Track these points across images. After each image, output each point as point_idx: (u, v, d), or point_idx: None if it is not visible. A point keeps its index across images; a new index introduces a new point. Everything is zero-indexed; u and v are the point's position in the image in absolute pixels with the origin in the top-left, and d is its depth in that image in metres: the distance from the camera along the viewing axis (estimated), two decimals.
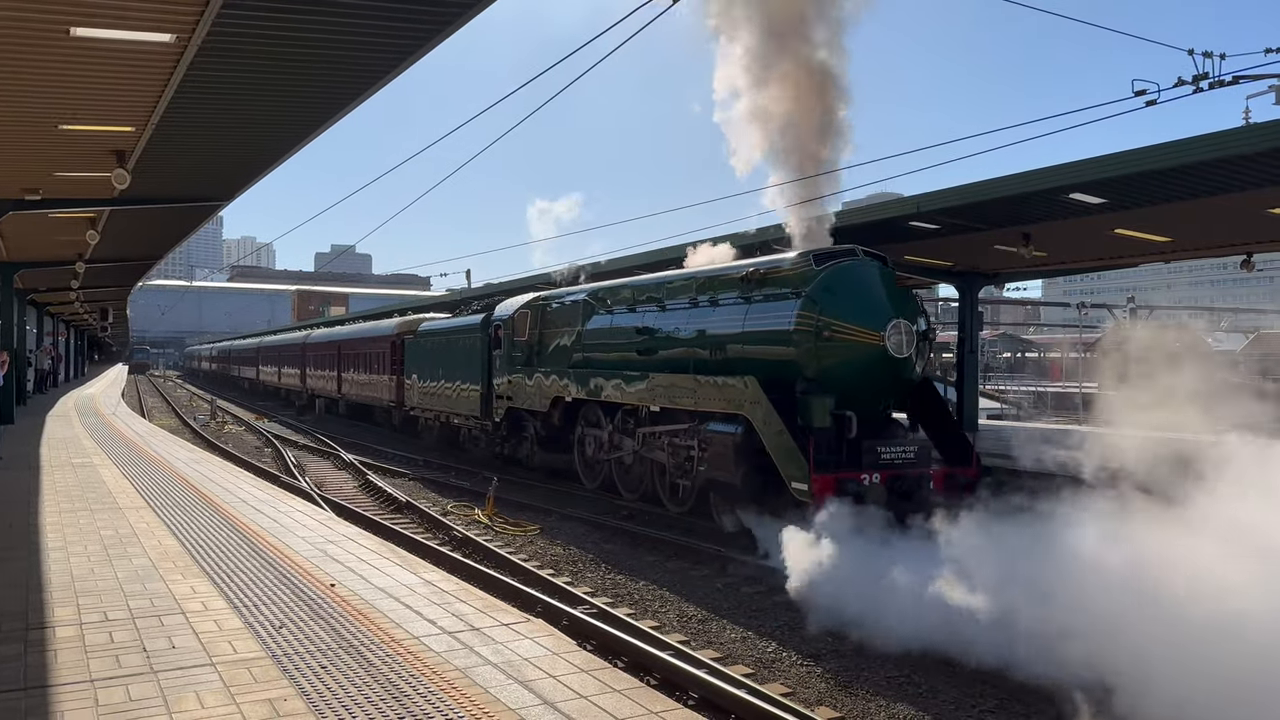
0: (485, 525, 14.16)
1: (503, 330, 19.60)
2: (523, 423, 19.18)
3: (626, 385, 14.69)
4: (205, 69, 9.49)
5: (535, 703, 4.86)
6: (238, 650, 5.62)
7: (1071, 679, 6.81)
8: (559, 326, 17.90)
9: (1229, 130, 10.91)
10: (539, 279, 24.80)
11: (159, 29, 8.35)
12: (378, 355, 29.32)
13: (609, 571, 11.45)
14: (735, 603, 10.04)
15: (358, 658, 5.51)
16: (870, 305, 11.73)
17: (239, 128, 12.60)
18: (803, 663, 8.18)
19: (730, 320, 13.12)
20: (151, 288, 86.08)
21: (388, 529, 13.20)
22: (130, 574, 7.51)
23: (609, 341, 16.05)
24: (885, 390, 11.98)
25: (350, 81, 10.55)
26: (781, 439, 11.15)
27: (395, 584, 7.28)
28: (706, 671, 7.34)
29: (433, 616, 6.39)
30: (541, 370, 17.71)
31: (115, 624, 6.14)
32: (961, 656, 7.80)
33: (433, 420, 24.16)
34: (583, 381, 16.08)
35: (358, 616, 6.37)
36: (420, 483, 18.72)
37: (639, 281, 16.25)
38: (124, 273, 32.88)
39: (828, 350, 11.58)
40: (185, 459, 16.04)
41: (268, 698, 4.87)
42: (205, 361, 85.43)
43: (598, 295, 17.05)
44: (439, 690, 5.01)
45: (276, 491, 12.65)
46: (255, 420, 34.59)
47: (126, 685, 5.04)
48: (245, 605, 6.61)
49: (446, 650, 5.67)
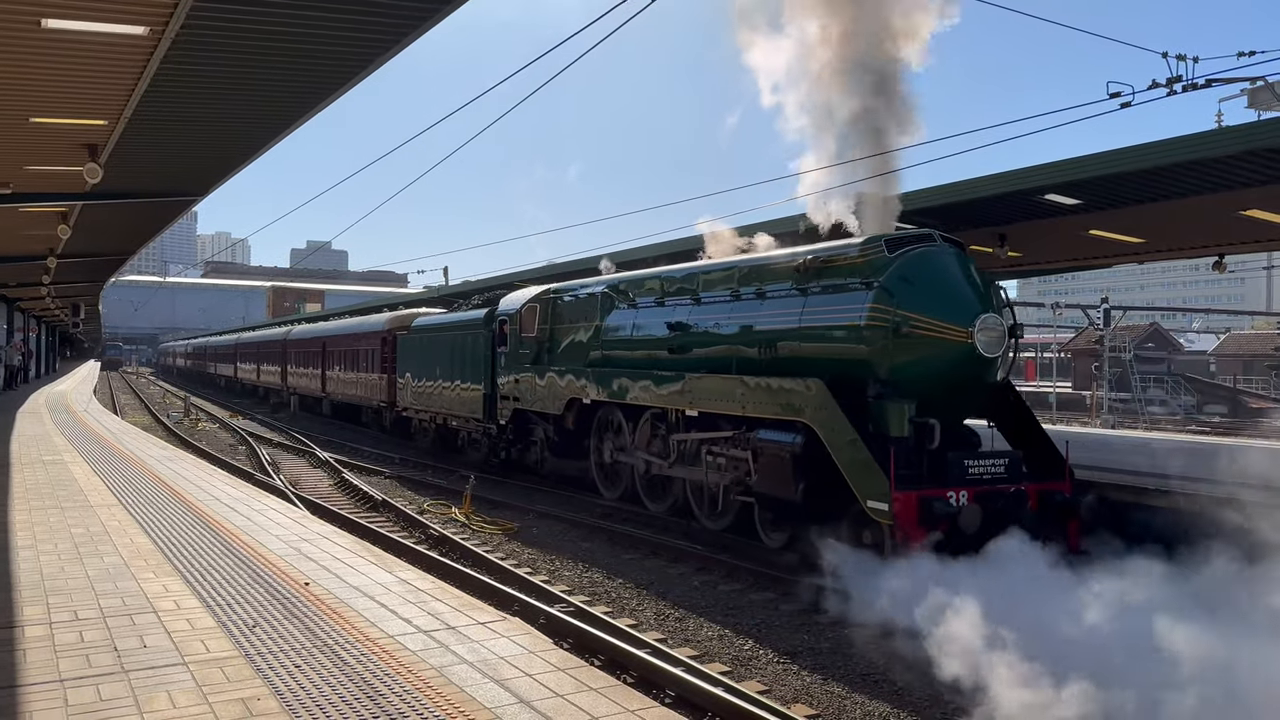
0: (462, 523, 14.10)
1: (508, 326, 18.06)
2: (531, 426, 17.68)
3: (657, 386, 13.22)
4: (179, 62, 9.39)
5: (511, 701, 4.84)
6: (210, 649, 5.57)
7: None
8: (573, 322, 16.47)
9: (1202, 133, 11.03)
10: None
11: (132, 21, 8.26)
12: (367, 352, 27.86)
13: (587, 569, 11.43)
14: (712, 600, 10.05)
15: (332, 657, 5.47)
16: (955, 298, 10.37)
17: (213, 122, 12.49)
18: (779, 660, 8.20)
19: (782, 315, 11.65)
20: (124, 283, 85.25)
21: (363, 527, 13.13)
22: (101, 572, 7.42)
23: (634, 338, 14.64)
24: (970, 394, 10.61)
25: (327, 76, 10.47)
26: (855, 450, 9.68)
27: (370, 582, 7.23)
28: (683, 669, 7.34)
29: (408, 615, 6.36)
30: (555, 370, 16.22)
31: (86, 623, 6.07)
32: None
33: (428, 422, 22.81)
34: (604, 382, 14.61)
35: (332, 615, 6.32)
36: (397, 481, 18.62)
37: (668, 272, 14.69)
38: (96, 268, 32.53)
39: (906, 349, 10.18)
40: (158, 456, 15.88)
41: (241, 697, 4.83)
42: (180, 358, 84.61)
43: (618, 288, 15.46)
44: (414, 689, 4.98)
45: (250, 489, 12.54)
46: (230, 418, 34.31)
47: (97, 685, 4.97)
48: (218, 604, 6.54)
49: (422, 649, 5.64)
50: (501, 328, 18.38)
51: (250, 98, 11.31)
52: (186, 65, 9.55)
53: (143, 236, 26.08)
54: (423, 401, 22.65)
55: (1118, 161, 11.28)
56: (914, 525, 9.20)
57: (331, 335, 32.69)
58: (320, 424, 31.78)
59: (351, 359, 29.40)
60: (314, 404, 34.99)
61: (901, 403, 9.94)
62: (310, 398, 35.33)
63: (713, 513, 12.70)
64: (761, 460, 11.00)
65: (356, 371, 28.87)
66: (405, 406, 24.01)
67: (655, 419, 13.86)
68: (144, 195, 17.29)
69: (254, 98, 11.31)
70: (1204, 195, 12.06)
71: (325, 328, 35.56)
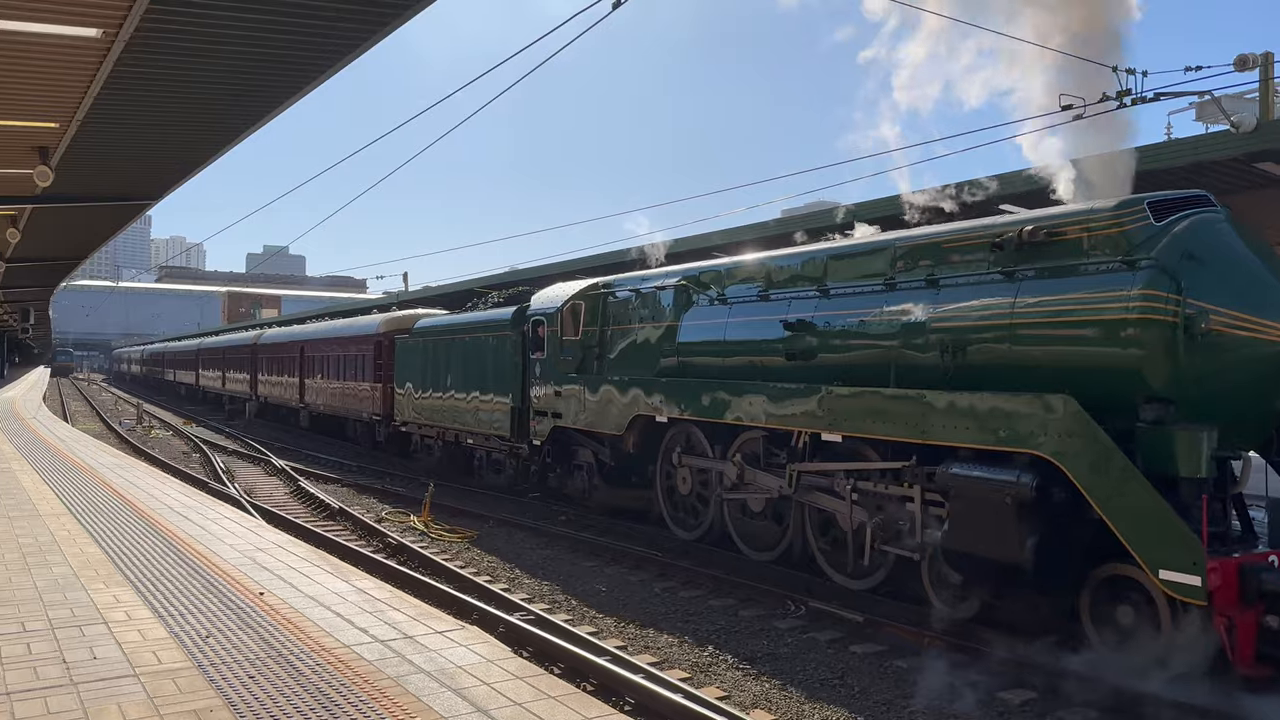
0: (421, 531, 14.01)
1: (545, 328, 15.17)
2: (574, 446, 14.84)
3: (774, 403, 10.35)
4: (133, 65, 9.28)
5: (469, 710, 4.83)
6: (162, 660, 5.49)
7: None
8: (632, 322, 13.71)
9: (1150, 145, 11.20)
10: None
11: (84, 23, 8.15)
12: (356, 358, 24.86)
13: (547, 577, 11.40)
14: (673, 608, 10.07)
15: (287, 667, 5.41)
16: (1265, 282, 7.76)
17: (168, 125, 12.33)
18: (739, 665, 8.23)
19: (975, 307, 8.79)
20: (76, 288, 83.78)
21: (319, 536, 12.99)
22: (50, 583, 7.29)
23: (727, 341, 11.79)
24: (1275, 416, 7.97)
25: (283, 80, 10.40)
26: (1139, 496, 6.94)
27: (326, 592, 7.17)
28: (643, 676, 7.35)
29: (364, 625, 6.31)
30: (612, 381, 13.34)
31: (34, 635, 5.96)
32: None
33: (433, 439, 19.85)
34: (687, 396, 11.79)
35: (287, 625, 6.26)
36: (355, 489, 18.44)
37: (777, 258, 11.77)
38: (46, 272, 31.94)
39: (1203, 354, 7.40)
40: (109, 464, 15.61)
41: (193, 709, 4.76)
42: (135, 364, 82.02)
43: (700, 279, 12.66)
44: (370, 699, 4.94)
45: (204, 498, 12.38)
46: (184, 425, 33.78)
47: (45, 698, 4.89)
48: (170, 615, 6.45)
49: (378, 659, 5.60)
50: (536, 330, 15.47)
51: (206, 101, 11.19)
52: (141, 68, 9.45)
53: (95, 240, 25.67)
54: (427, 415, 19.70)
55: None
56: (1236, 605, 6.70)
57: (311, 339, 29.55)
58: (294, 437, 30.65)
59: (336, 366, 26.45)
60: (289, 415, 32.04)
61: (1199, 430, 7.17)
62: (285, 408, 32.39)
63: (855, 566, 9.93)
64: (959, 505, 8.18)
65: (343, 380, 25.90)
66: (405, 421, 20.99)
67: (770, 444, 11.03)
68: (96, 199, 17.03)
69: (210, 101, 11.20)
70: None
71: (304, 331, 32.17)
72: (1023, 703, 7.20)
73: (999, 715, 7.06)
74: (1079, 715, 6.97)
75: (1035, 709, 7.13)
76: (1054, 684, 7.36)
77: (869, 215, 12.99)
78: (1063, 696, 7.21)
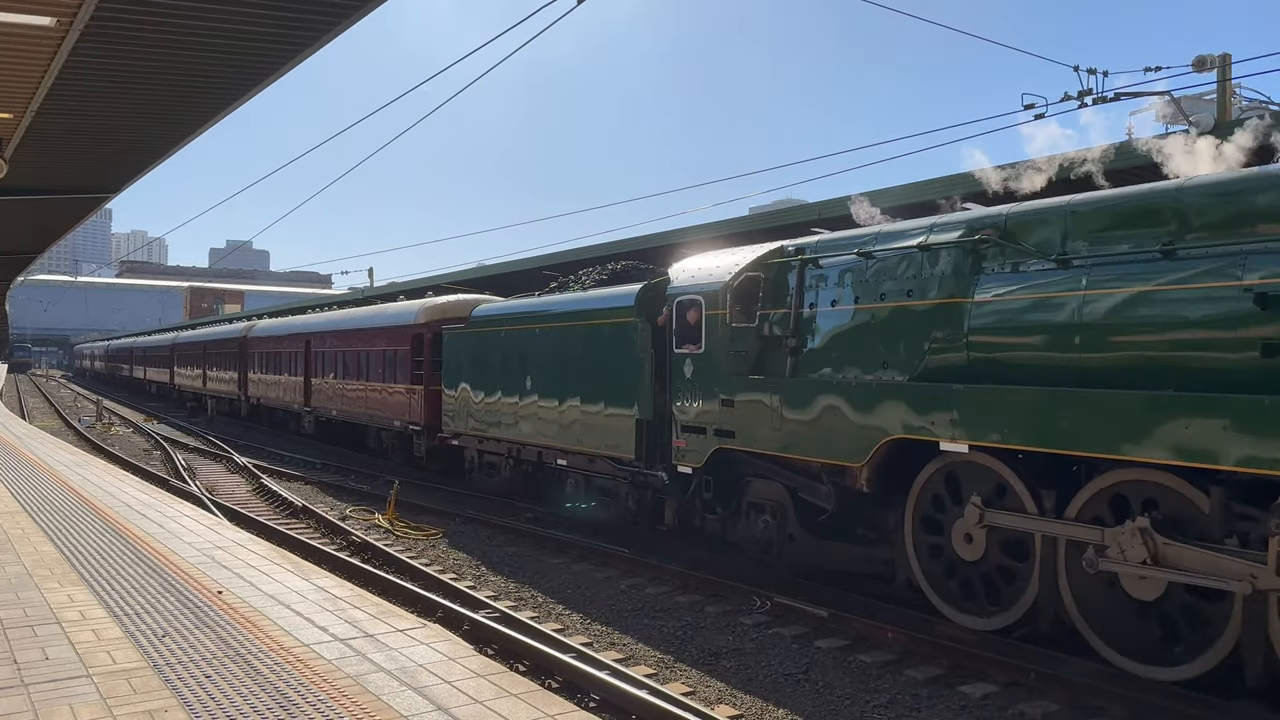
0: (386, 529, 13.89)
1: (695, 313, 10.94)
2: (749, 478, 10.53)
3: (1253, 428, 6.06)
4: (89, 54, 9.12)
5: (429, 709, 4.78)
6: (117, 660, 5.39)
7: None
8: (862, 300, 9.42)
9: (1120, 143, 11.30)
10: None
11: (38, 11, 7.99)
12: (384, 355, 20.58)
13: (513, 575, 11.35)
14: (639, 604, 10.05)
15: (244, 667, 5.33)
16: None
17: (127, 117, 12.14)
18: (704, 661, 8.23)
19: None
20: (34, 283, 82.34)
21: (281, 534, 12.84)
22: (2, 582, 7.14)
23: (1086, 323, 7.49)
24: None
25: (244, 72, 10.27)
26: None
27: (286, 590, 7.08)
28: (608, 673, 7.33)
29: (324, 623, 6.23)
30: (837, 387, 9.13)
31: None
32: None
33: (499, 457, 15.55)
34: (1009, 411, 7.61)
35: (246, 624, 6.17)
36: (318, 487, 18.25)
37: (1206, 187, 7.22)
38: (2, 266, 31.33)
39: None
40: (67, 462, 15.35)
41: (148, 709, 4.68)
42: (98, 361, 78.64)
43: (1006, 228, 8.35)
44: (329, 698, 4.88)
45: (164, 495, 12.20)
46: (144, 422, 33.29)
47: None
48: (126, 614, 6.34)
49: (338, 658, 5.53)
50: (684, 315, 11.16)
51: (165, 93, 11.02)
52: (96, 58, 9.29)
53: (52, 234, 25.24)
54: (493, 429, 15.50)
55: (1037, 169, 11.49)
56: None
57: (320, 332, 25.12)
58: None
59: (354, 364, 22.28)
60: (288, 418, 27.76)
61: None
62: (284, 411, 28.00)
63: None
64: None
65: (365, 380, 21.62)
66: (458, 433, 16.72)
67: (1171, 500, 6.83)
68: (53, 191, 16.74)
69: (169, 92, 11.03)
70: None
71: (309, 322, 27.63)
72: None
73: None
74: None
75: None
76: None
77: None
78: None
